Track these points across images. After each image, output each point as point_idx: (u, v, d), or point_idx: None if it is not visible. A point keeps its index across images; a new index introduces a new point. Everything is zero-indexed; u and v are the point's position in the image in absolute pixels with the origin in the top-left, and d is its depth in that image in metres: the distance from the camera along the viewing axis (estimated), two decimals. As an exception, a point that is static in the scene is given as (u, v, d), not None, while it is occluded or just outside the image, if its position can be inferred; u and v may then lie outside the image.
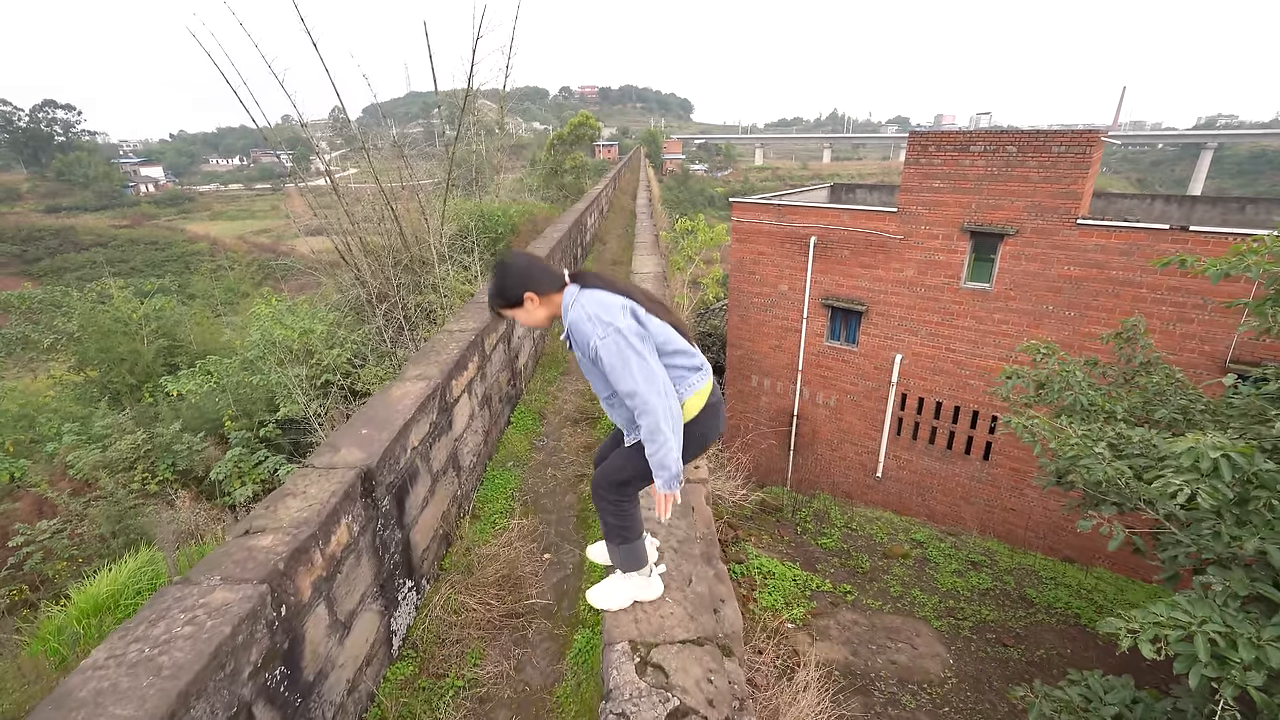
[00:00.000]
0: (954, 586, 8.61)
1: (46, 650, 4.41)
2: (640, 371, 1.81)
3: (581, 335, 1.92)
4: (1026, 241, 10.10)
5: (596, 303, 1.91)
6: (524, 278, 2.00)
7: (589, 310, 1.90)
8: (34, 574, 7.89)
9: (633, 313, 1.92)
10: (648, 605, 1.84)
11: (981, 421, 11.43)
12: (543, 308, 2.04)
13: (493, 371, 4.98)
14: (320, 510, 2.34)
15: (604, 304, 1.90)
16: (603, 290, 1.97)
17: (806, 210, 12.58)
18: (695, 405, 2.00)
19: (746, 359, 14.43)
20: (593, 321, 1.88)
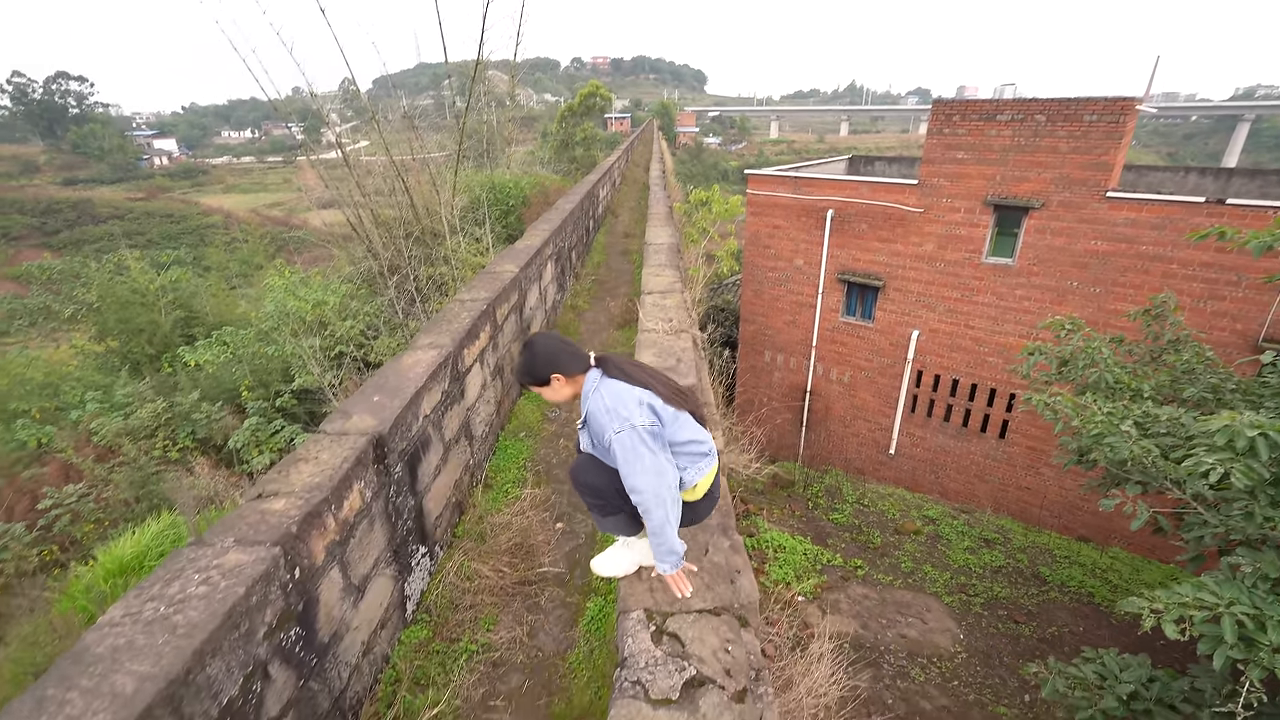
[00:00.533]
0: (966, 563, 8.58)
1: (75, 608, 4.52)
2: (651, 469, 1.84)
3: (598, 425, 1.96)
4: (1052, 215, 9.79)
5: (614, 395, 1.96)
6: (551, 360, 2.06)
7: (607, 403, 1.94)
8: (62, 535, 8.11)
9: (650, 407, 1.96)
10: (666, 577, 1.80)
11: (999, 399, 11.27)
12: (568, 387, 2.09)
13: (505, 342, 4.93)
14: (332, 475, 2.32)
15: (621, 398, 1.94)
16: (623, 382, 2.00)
17: (824, 183, 12.28)
18: (700, 489, 2.05)
19: (760, 334, 14.29)
20: (610, 414, 1.92)
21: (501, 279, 5.03)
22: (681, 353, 3.39)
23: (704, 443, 2.06)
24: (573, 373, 2.07)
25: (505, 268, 5.37)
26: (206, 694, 1.60)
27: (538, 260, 6.26)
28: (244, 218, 60.64)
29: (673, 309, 4.16)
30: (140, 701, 1.41)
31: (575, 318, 7.50)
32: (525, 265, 5.67)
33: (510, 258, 5.75)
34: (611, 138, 51.87)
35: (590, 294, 8.44)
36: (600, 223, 13.63)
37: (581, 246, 10.06)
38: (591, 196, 11.68)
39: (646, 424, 1.90)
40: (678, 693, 1.44)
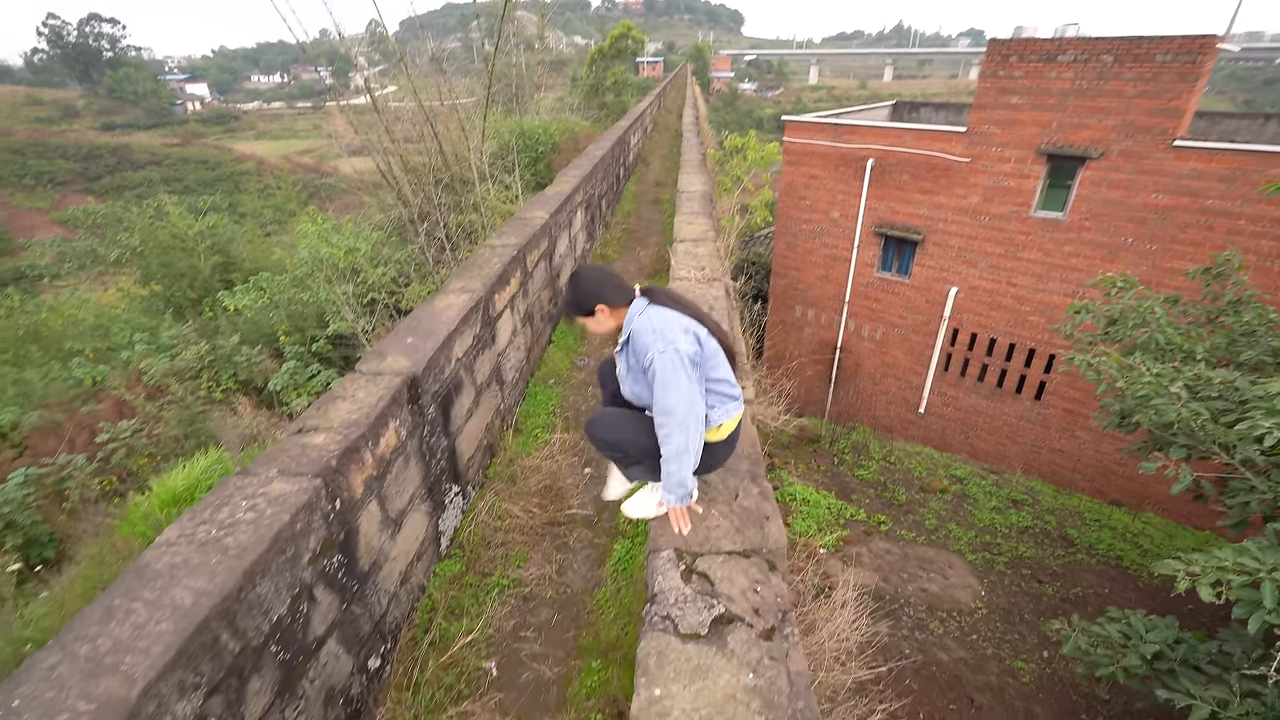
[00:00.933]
0: (992, 523, 8.54)
1: (134, 532, 4.83)
2: (685, 394, 1.84)
3: (641, 345, 1.96)
4: (1111, 166, 9.18)
5: (662, 319, 1.97)
6: (597, 290, 2.08)
7: (654, 324, 1.96)
8: (119, 467, 8.62)
9: (696, 336, 1.97)
10: (693, 517, 1.81)
11: (1037, 360, 10.92)
12: (612, 319, 2.11)
13: (534, 289, 4.92)
14: (369, 413, 2.37)
15: (669, 322, 1.95)
16: (670, 309, 2.02)
17: (865, 130, 11.69)
18: (724, 431, 2.04)
19: (791, 288, 14.01)
20: (656, 335, 1.93)
21: (532, 225, 4.97)
22: (714, 301, 3.33)
23: (734, 385, 2.06)
24: (617, 304, 2.08)
25: (535, 214, 5.30)
26: (258, 611, 1.69)
27: (568, 207, 6.16)
28: (276, 164, 61.06)
29: (705, 257, 4.06)
30: (198, 614, 1.50)
31: (605, 266, 7.43)
32: (555, 212, 5.58)
33: (540, 204, 5.67)
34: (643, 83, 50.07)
35: (620, 243, 8.32)
36: (631, 171, 13.31)
37: (612, 195, 9.86)
38: (622, 143, 11.37)
39: (689, 350, 1.90)
40: (706, 628, 1.47)
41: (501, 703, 2.34)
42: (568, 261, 6.26)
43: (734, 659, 1.39)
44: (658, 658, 1.40)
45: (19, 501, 6.76)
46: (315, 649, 1.98)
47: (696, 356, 1.93)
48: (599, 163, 8.21)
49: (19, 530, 6.78)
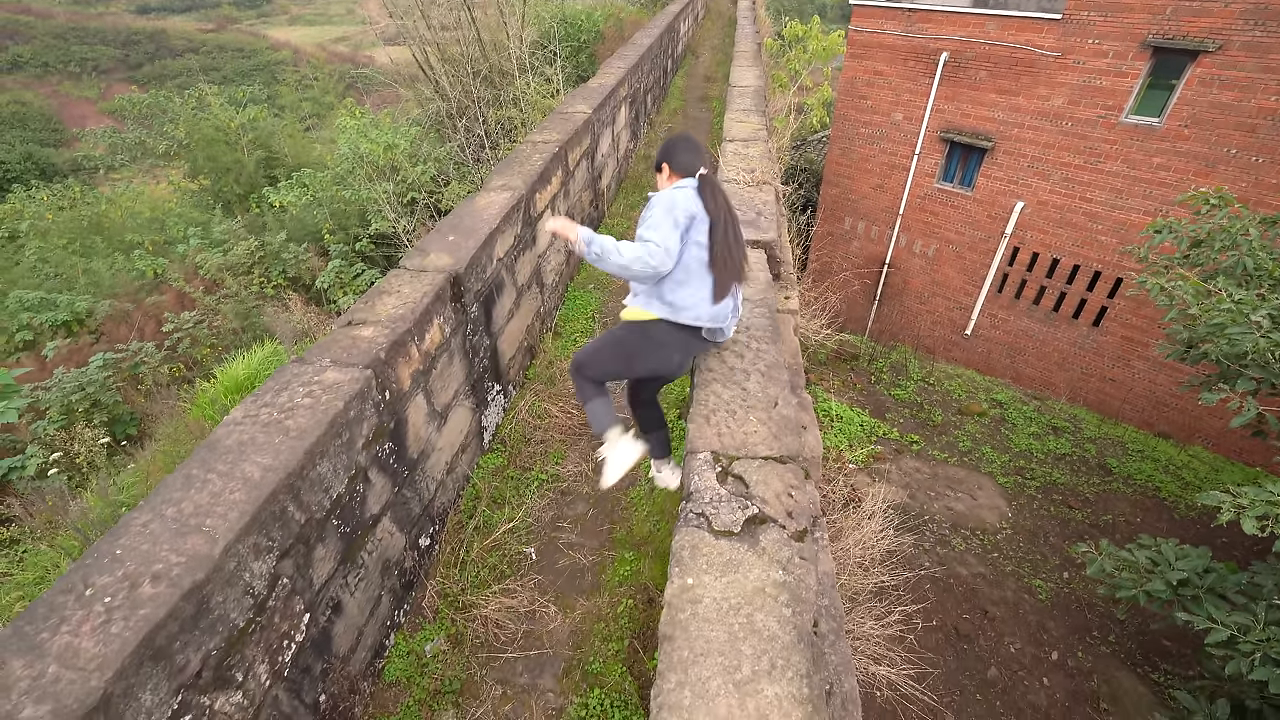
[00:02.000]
0: (1028, 448, 8.45)
1: (204, 415, 5.21)
2: (665, 231, 1.90)
3: (651, 202, 2.03)
4: (1229, 61, 8.05)
5: (685, 195, 2.00)
6: (671, 151, 2.15)
7: (673, 194, 2.00)
8: (185, 356, 9.19)
9: (695, 219, 1.98)
10: (731, 422, 1.83)
11: (1102, 284, 10.26)
12: (668, 182, 2.14)
13: (575, 189, 4.77)
14: (414, 309, 2.41)
15: (687, 198, 1.99)
16: (703, 199, 2.01)
17: (943, 17, 10.44)
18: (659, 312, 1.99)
19: (843, 198, 13.26)
20: (666, 196, 2.00)
21: (573, 121, 4.74)
22: (763, 206, 3.17)
23: (690, 308, 1.96)
24: (676, 170, 2.13)
25: (577, 109, 5.03)
26: (319, 488, 1.82)
27: (611, 102, 5.83)
28: (311, 53, 59.23)
29: (756, 158, 3.83)
30: (266, 486, 1.62)
31: (648, 168, 7.12)
32: (598, 107, 5.29)
33: (583, 97, 5.37)
34: (695, -39, 45.44)
35: (663, 144, 7.93)
36: (679, 63, 12.40)
37: (658, 90, 9.26)
38: (671, 32, 10.51)
39: (683, 217, 1.95)
40: (739, 527, 1.51)
41: (540, 584, 2.54)
42: (610, 162, 6.01)
43: (765, 556, 1.44)
44: (691, 550, 1.46)
45: (101, 383, 7.33)
46: (372, 525, 2.15)
47: (686, 225, 1.96)
48: (644, 54, 7.64)
49: (104, 409, 7.42)
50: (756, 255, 2.73)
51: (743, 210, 3.15)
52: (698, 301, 1.94)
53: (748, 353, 2.11)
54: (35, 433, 6.49)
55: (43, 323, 9.97)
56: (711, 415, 1.86)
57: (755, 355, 2.09)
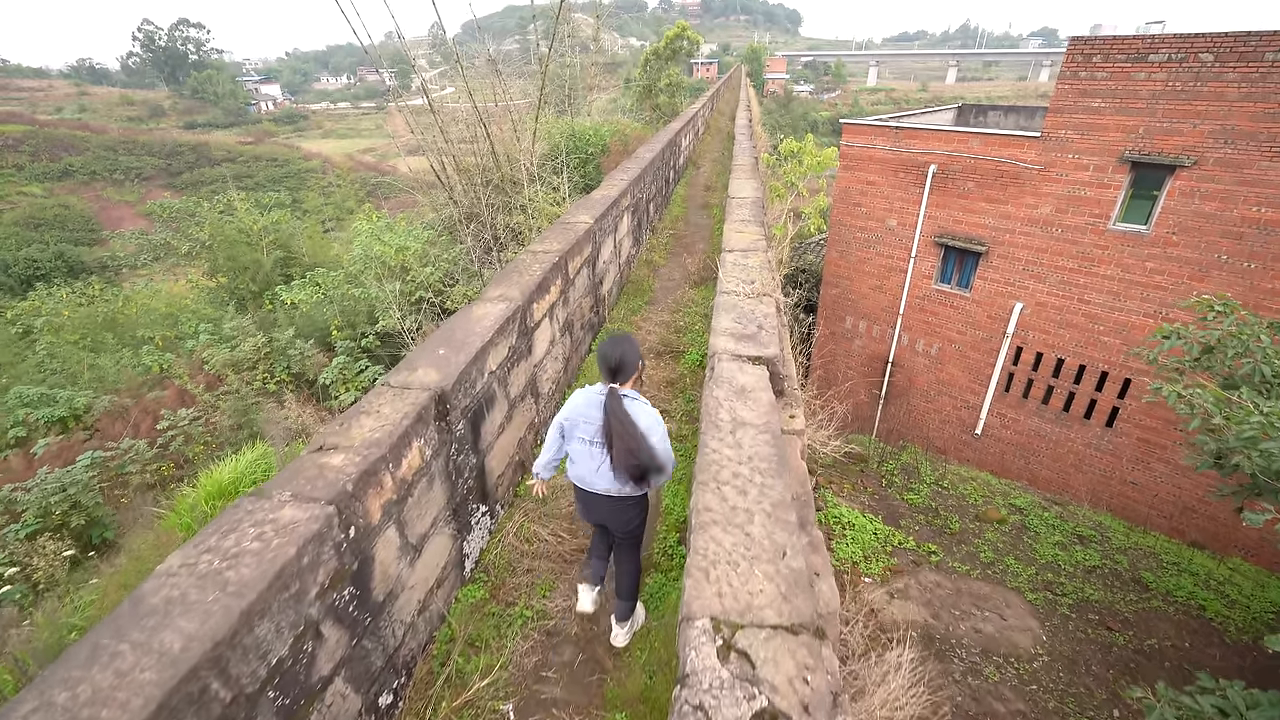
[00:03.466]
0: (1055, 559, 7.92)
1: (179, 524, 4.92)
2: (550, 431, 2.66)
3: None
4: (1205, 175, 8.39)
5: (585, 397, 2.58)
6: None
7: (575, 399, 2.61)
8: (177, 454, 8.95)
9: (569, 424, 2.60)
10: (734, 577, 1.59)
11: (1110, 384, 10.11)
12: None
13: (575, 296, 4.77)
14: (391, 432, 2.24)
15: (580, 400, 2.58)
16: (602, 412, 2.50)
17: (927, 134, 11.12)
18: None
19: (843, 299, 13.49)
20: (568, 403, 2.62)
21: (575, 230, 4.82)
22: (763, 319, 3.08)
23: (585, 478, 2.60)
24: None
25: (580, 219, 5.15)
26: (254, 655, 1.56)
27: (613, 212, 6.00)
28: (339, 163, 63.64)
29: (755, 269, 3.82)
30: (186, 662, 1.37)
31: (650, 273, 7.23)
32: (600, 217, 5.43)
33: (585, 208, 5.53)
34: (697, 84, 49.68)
35: (667, 249, 8.12)
36: (681, 174, 13.10)
37: (660, 198, 9.67)
38: (673, 146, 11.17)
39: (561, 418, 2.61)
40: (745, 724, 1.25)
41: (517, 751, 2.17)
42: (611, 268, 6.10)
43: (777, 767, 1.17)
44: (687, 757, 1.19)
45: (84, 484, 7.05)
46: (320, 690, 1.86)
47: (561, 426, 2.61)
48: (647, 166, 8.03)
49: (84, 510, 7.09)
50: (758, 373, 2.59)
51: (743, 324, 3.07)
52: (584, 473, 2.58)
53: (751, 488, 1.91)
54: (4, 540, 6.16)
55: (39, 419, 9.85)
56: (711, 569, 1.63)
57: (760, 492, 1.89)
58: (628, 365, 2.45)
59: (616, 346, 2.45)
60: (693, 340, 5.42)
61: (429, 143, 16.38)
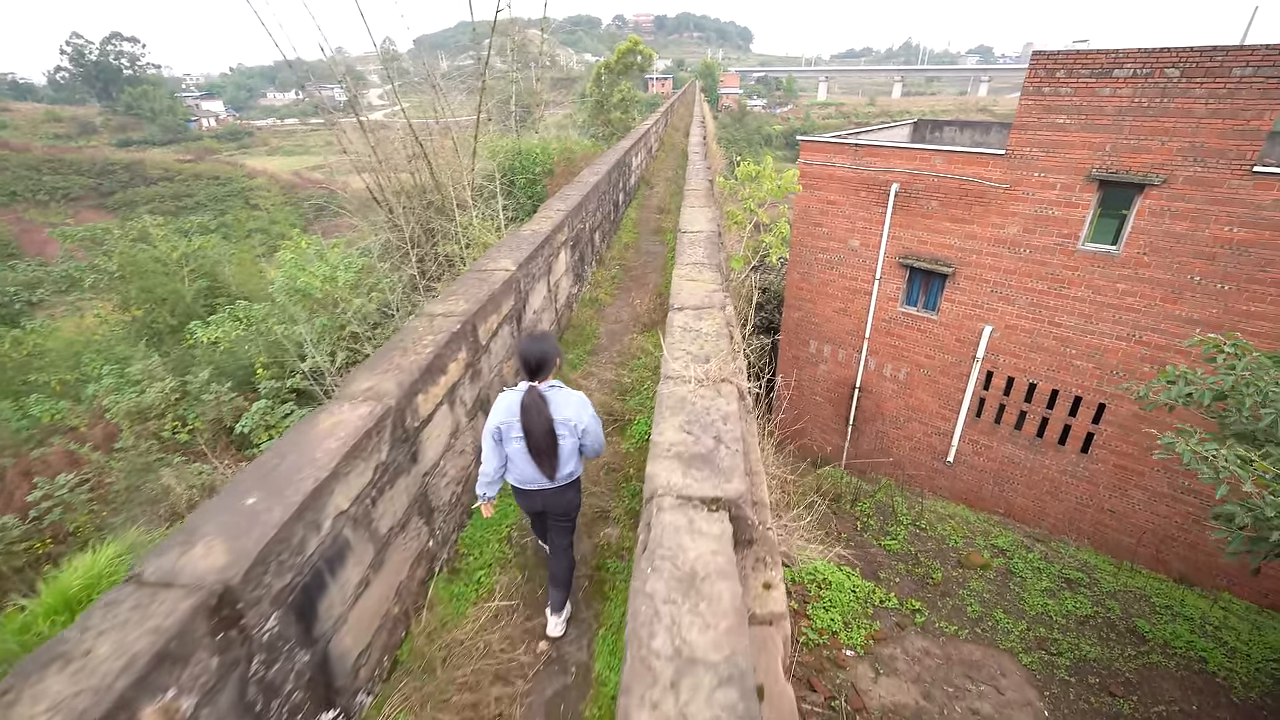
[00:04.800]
0: (1045, 609, 7.32)
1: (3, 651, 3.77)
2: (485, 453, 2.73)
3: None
4: (1175, 194, 8.07)
5: (502, 406, 2.68)
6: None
7: (499, 402, 2.70)
8: (56, 527, 7.59)
9: (502, 430, 2.65)
10: None
11: (1084, 409, 9.72)
12: None
13: (492, 364, 3.86)
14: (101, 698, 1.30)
15: (506, 407, 2.65)
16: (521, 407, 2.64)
17: (889, 152, 10.66)
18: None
19: (805, 322, 12.91)
20: (493, 409, 2.70)
21: (491, 282, 3.93)
22: (723, 425, 2.25)
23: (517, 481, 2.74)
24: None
25: (499, 265, 4.26)
26: None
27: (546, 250, 5.13)
28: (287, 180, 61.07)
29: (710, 337, 3.00)
30: None
31: (595, 314, 6.37)
32: (528, 259, 4.55)
33: (509, 250, 4.64)
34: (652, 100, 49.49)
35: (615, 284, 7.29)
36: (632, 195, 12.33)
37: (609, 224, 8.86)
38: (622, 166, 10.39)
39: (491, 426, 2.64)
40: None
41: None
42: (545, 316, 5.21)
43: None
44: None
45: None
46: None
47: (495, 433, 2.63)
48: (591, 191, 7.20)
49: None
50: (716, 532, 1.74)
51: (694, 432, 2.22)
52: (525, 475, 2.65)
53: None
54: None
55: (-122, 496, 8.30)
56: None
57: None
58: (548, 363, 2.62)
59: (536, 345, 2.60)
60: (641, 403, 4.58)
61: (365, 162, 15.28)
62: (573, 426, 2.59)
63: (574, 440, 2.63)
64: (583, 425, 2.60)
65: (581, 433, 2.61)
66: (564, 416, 2.57)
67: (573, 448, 2.64)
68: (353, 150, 15.63)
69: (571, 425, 2.59)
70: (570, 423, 2.58)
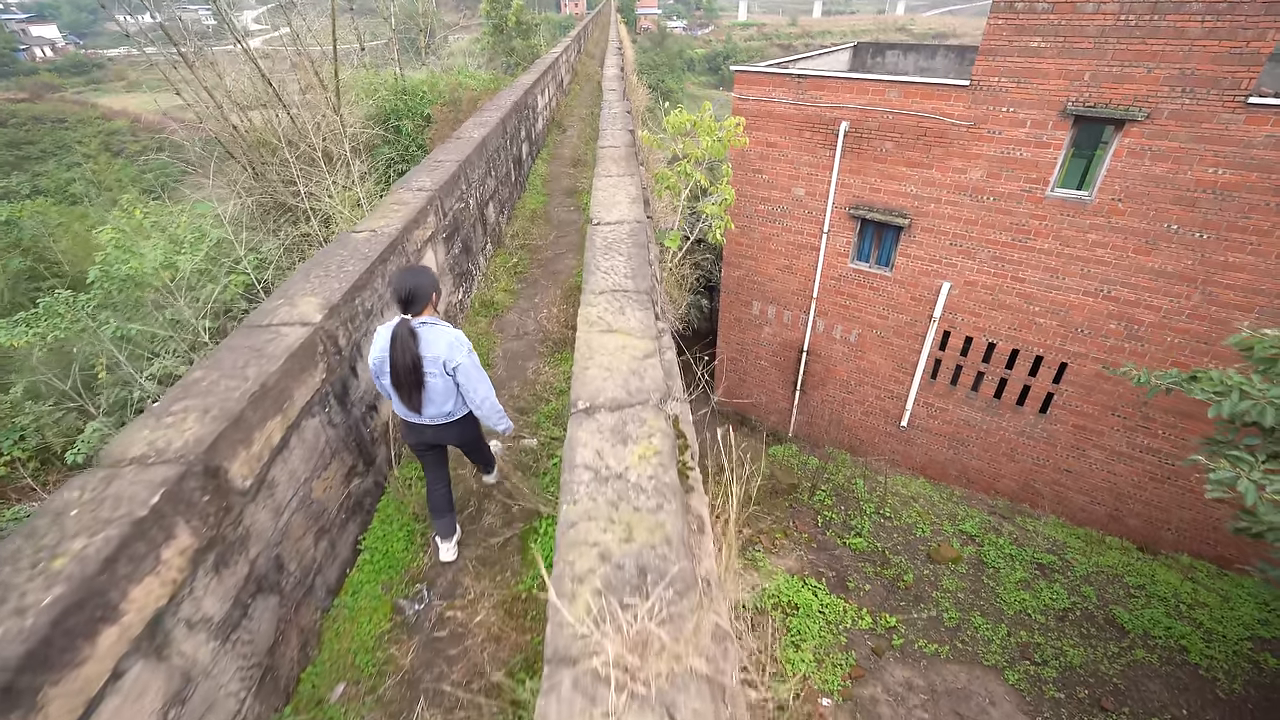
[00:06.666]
0: (1023, 606, 6.72)
1: None
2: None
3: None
4: (1159, 130, 7.11)
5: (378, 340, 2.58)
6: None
7: (376, 335, 2.59)
8: None
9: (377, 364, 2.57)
10: None
11: (1045, 369, 9.09)
12: None
13: (268, 538, 2.27)
14: None
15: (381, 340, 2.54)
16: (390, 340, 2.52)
17: (838, 84, 9.18)
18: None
19: (747, 281, 11.63)
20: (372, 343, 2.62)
21: (267, 356, 2.28)
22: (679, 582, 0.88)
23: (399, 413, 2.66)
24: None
25: (296, 313, 2.58)
26: None
27: (393, 261, 3.44)
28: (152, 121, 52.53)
29: (647, 485, 1.59)
30: None
31: (489, 327, 4.75)
32: (349, 295, 2.88)
33: (321, 277, 2.93)
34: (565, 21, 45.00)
35: (517, 274, 5.62)
36: (541, 143, 10.33)
37: (508, 188, 7.03)
38: (523, 110, 8.40)
39: (370, 361, 2.57)
40: None
41: None
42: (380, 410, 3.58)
43: None
44: None
45: None
46: None
47: (374, 365, 2.55)
48: (477, 151, 5.37)
49: None
50: None
51: None
52: (403, 409, 2.59)
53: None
54: None
55: None
56: None
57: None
58: (419, 297, 2.46)
59: (408, 278, 2.46)
60: (547, 494, 3.13)
61: (200, 105, 12.51)
62: (442, 365, 2.47)
63: (445, 380, 2.51)
64: (454, 364, 2.48)
65: (454, 370, 2.49)
66: (434, 354, 2.46)
67: (446, 386, 2.53)
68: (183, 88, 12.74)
69: (441, 363, 2.47)
70: (440, 360, 2.47)
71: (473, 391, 2.53)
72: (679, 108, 5.30)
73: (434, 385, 2.48)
